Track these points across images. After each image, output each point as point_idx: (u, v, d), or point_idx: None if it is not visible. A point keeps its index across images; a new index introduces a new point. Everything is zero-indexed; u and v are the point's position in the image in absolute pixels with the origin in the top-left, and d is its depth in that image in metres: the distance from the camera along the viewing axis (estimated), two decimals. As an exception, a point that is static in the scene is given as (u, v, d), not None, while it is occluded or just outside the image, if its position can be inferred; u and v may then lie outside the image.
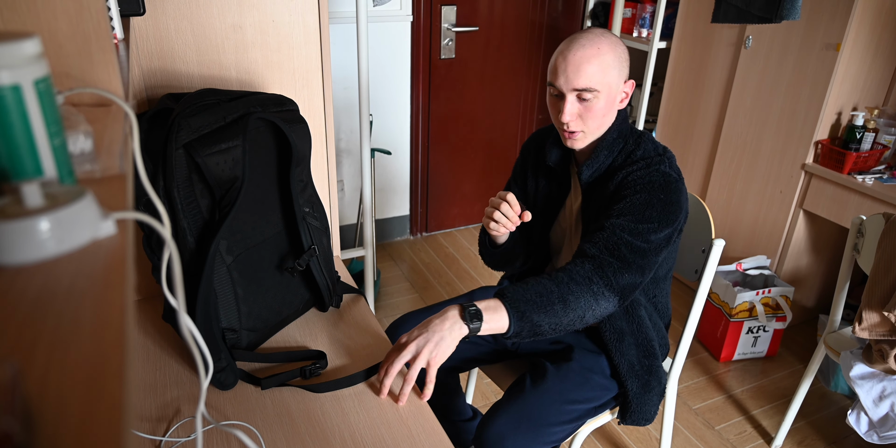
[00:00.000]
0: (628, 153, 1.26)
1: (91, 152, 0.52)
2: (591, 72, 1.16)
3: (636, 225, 1.17)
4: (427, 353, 1.03)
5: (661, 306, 1.40)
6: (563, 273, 1.14)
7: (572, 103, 1.20)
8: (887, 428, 1.54)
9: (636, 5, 2.79)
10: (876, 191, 2.02)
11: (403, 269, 2.94)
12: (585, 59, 1.16)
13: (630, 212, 1.18)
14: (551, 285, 1.11)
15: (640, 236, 1.17)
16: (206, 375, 1.00)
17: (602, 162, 1.26)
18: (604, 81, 1.18)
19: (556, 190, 1.39)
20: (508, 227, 1.25)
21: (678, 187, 1.23)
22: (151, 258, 1.08)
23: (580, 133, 1.24)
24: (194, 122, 1.00)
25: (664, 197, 1.20)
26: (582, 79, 1.17)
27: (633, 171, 1.22)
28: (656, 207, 1.19)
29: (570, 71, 1.17)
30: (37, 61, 0.42)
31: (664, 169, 1.22)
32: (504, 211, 1.23)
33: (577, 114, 1.21)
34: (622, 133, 1.27)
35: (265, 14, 1.24)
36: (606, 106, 1.21)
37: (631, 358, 1.33)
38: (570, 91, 1.19)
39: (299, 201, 1.18)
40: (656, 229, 1.19)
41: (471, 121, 3.08)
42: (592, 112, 1.20)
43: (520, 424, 1.21)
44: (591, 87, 1.17)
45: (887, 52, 2.14)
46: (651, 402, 1.36)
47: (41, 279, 0.39)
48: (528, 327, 1.09)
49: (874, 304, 1.51)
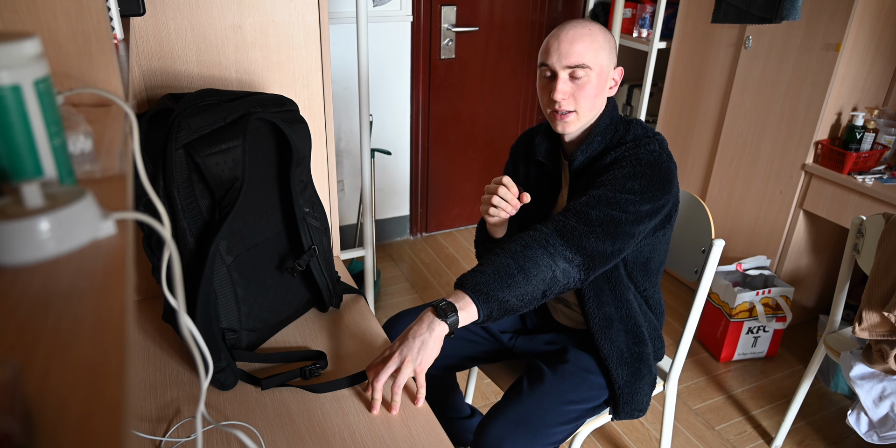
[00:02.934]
0: (619, 138, 1.26)
1: (91, 152, 0.52)
2: (582, 49, 1.18)
3: (615, 194, 1.15)
4: (411, 361, 1.02)
5: (654, 301, 1.39)
6: (517, 241, 1.12)
7: (564, 81, 1.20)
8: (887, 428, 1.54)
9: (636, 5, 2.79)
10: (876, 191, 2.02)
11: (403, 269, 2.94)
12: (578, 37, 1.18)
13: (610, 182, 1.17)
14: (505, 258, 1.09)
15: (616, 206, 1.14)
16: (206, 376, 1.00)
17: (595, 148, 1.26)
18: (595, 60, 1.19)
19: (547, 185, 1.38)
20: (508, 211, 1.24)
21: (668, 167, 1.21)
22: (151, 258, 1.08)
23: (572, 114, 1.23)
24: (194, 123, 1.00)
25: (650, 172, 1.18)
26: (574, 56, 1.18)
27: (623, 151, 1.22)
28: (639, 180, 1.17)
29: (562, 48, 1.18)
30: (37, 61, 0.42)
31: (653, 147, 1.21)
32: (502, 194, 1.22)
33: (569, 92, 1.21)
34: (613, 120, 1.27)
35: (265, 14, 1.24)
36: (598, 86, 1.21)
37: (620, 345, 1.32)
38: (562, 68, 1.19)
39: (299, 201, 1.18)
40: (636, 201, 1.15)
41: (471, 121, 3.08)
42: (584, 91, 1.20)
43: (518, 427, 1.21)
44: (583, 63, 1.18)
45: (887, 52, 2.14)
46: (642, 391, 1.35)
47: (41, 279, 0.39)
48: (496, 307, 1.06)
49: (874, 304, 1.51)
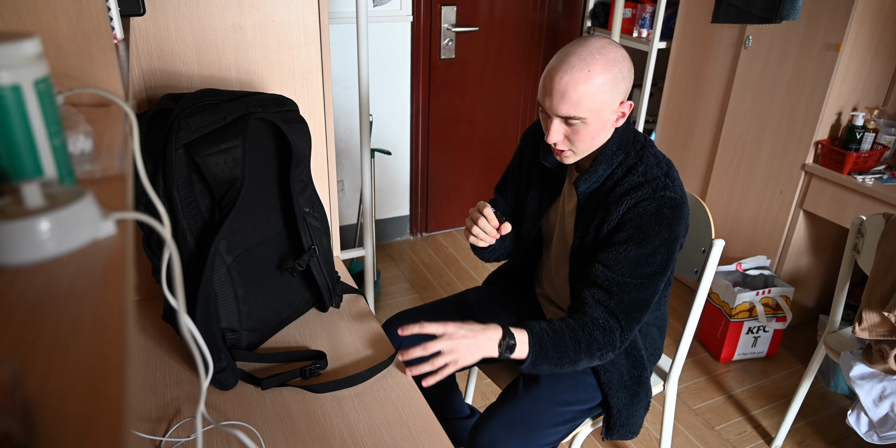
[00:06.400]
0: (629, 167, 1.21)
1: (91, 152, 0.52)
2: (576, 99, 1.10)
3: (639, 280, 1.19)
4: (457, 355, 1.10)
5: (659, 313, 1.40)
6: (584, 338, 1.17)
7: (557, 126, 1.15)
8: (887, 428, 1.54)
9: (636, 5, 2.79)
10: (876, 191, 2.02)
11: (403, 269, 2.94)
12: (572, 84, 1.09)
13: (636, 261, 1.18)
14: (571, 352, 1.17)
15: (645, 289, 1.19)
16: (206, 376, 1.00)
17: (600, 175, 1.22)
18: (591, 108, 1.11)
19: (549, 185, 1.36)
20: (488, 241, 1.24)
21: (683, 212, 1.20)
22: (151, 258, 1.08)
23: (568, 152, 1.20)
24: (194, 123, 1.00)
25: (668, 235, 1.17)
26: (566, 106, 1.11)
27: (640, 199, 1.17)
28: (661, 251, 1.18)
29: (555, 97, 1.11)
30: (37, 61, 0.42)
31: (670, 194, 1.17)
32: (482, 226, 1.22)
33: (563, 134, 1.17)
34: (623, 144, 1.22)
35: (265, 14, 1.24)
36: (595, 130, 1.16)
37: (620, 368, 1.32)
38: (555, 116, 1.14)
39: (299, 201, 1.17)
40: (660, 274, 1.20)
41: (471, 121, 3.08)
42: (580, 136, 1.16)
43: (513, 428, 1.21)
44: (576, 115, 1.11)
45: (887, 52, 2.14)
46: (638, 415, 1.35)
47: (41, 279, 0.38)
48: (533, 371, 1.19)
49: (874, 304, 1.51)
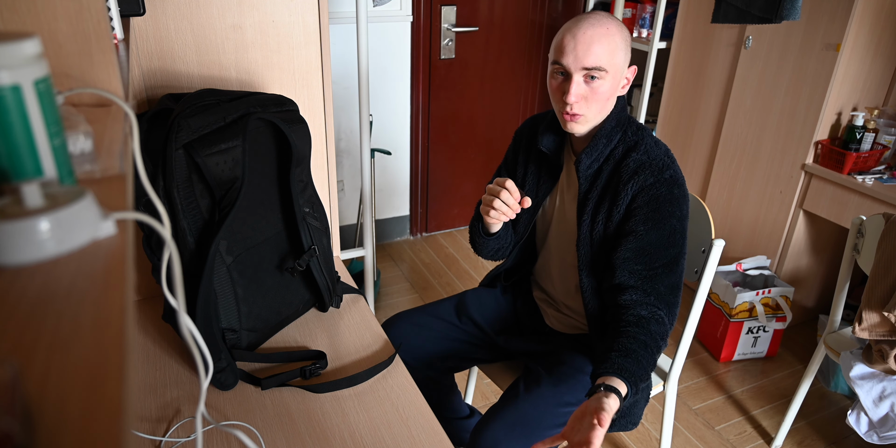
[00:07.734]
0: (629, 145, 1.24)
1: (91, 152, 0.52)
2: (601, 51, 1.14)
3: (667, 264, 1.22)
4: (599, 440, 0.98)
5: None
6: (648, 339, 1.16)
7: (579, 84, 1.17)
8: (887, 428, 1.54)
9: (636, 5, 2.79)
10: (876, 191, 2.02)
11: (403, 270, 2.94)
12: (596, 37, 1.13)
13: (658, 244, 1.22)
14: (646, 357, 1.15)
15: (673, 271, 1.23)
16: (206, 376, 1.00)
17: (601, 151, 1.25)
18: (612, 62, 1.16)
19: (546, 176, 1.36)
20: (509, 215, 1.22)
21: (686, 190, 1.25)
22: (151, 258, 1.08)
23: (582, 117, 1.21)
24: (194, 123, 1.00)
25: (680, 213, 1.23)
26: (592, 57, 1.14)
27: (647, 184, 1.21)
28: (678, 230, 1.23)
29: (580, 49, 1.14)
30: (37, 61, 0.42)
31: (673, 174, 1.23)
32: (504, 198, 1.19)
33: (582, 95, 1.18)
34: (620, 121, 1.26)
35: (265, 14, 1.24)
36: (611, 89, 1.19)
37: None
38: (578, 70, 1.15)
39: (299, 201, 1.17)
40: (681, 253, 1.24)
41: (471, 121, 3.08)
42: (598, 94, 1.18)
43: (514, 429, 1.21)
44: (601, 65, 1.15)
45: (887, 52, 2.14)
46: (638, 406, 1.36)
47: (41, 279, 0.38)
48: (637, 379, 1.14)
49: (874, 304, 1.51)
